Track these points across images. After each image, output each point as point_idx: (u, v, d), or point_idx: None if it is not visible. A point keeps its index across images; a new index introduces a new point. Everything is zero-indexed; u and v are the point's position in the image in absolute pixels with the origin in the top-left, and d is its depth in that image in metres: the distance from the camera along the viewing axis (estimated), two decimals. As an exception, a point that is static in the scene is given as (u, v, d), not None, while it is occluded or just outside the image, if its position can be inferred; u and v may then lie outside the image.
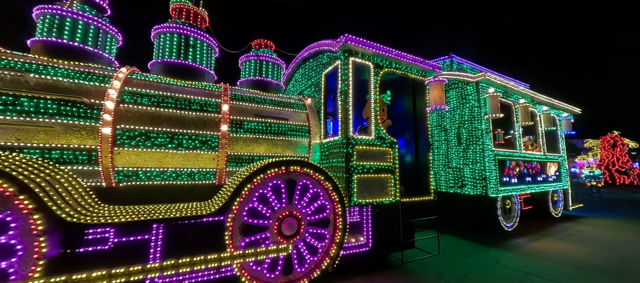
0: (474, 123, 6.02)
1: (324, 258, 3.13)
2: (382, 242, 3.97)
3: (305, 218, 3.08)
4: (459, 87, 6.40)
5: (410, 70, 4.25)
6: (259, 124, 3.72)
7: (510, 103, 6.70)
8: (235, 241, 2.69)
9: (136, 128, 3.01)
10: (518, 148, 6.61)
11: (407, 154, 4.83)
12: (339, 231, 3.25)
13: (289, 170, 2.99)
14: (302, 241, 3.05)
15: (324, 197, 3.23)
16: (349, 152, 3.47)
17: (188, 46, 3.88)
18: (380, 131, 3.79)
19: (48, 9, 3.25)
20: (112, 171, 2.98)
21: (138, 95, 3.12)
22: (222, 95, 3.62)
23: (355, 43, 3.58)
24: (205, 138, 3.35)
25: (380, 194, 3.67)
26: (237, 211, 2.70)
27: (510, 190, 6.11)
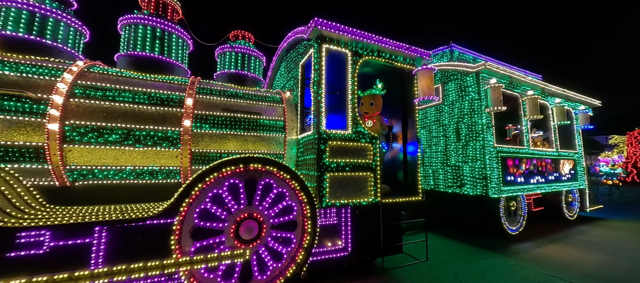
0: (474, 117, 5.53)
1: (290, 264, 2.84)
2: (364, 247, 3.64)
3: (267, 220, 2.81)
4: (459, 78, 5.92)
5: (396, 58, 3.87)
6: (227, 119, 3.47)
7: (516, 95, 6.13)
8: (184, 246, 2.45)
9: (87, 123, 2.82)
10: (526, 144, 6.04)
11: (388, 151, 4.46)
12: (308, 235, 2.95)
13: (248, 168, 2.72)
14: (264, 246, 2.77)
15: (290, 198, 2.93)
16: (321, 148, 3.16)
17: (155, 38, 3.68)
18: (359, 126, 3.45)
19: (2, 1, 3.12)
20: (63, 169, 2.81)
21: (91, 89, 2.94)
22: (188, 89, 3.40)
23: (328, 28, 3.25)
24: (166, 134, 3.14)
25: (358, 194, 3.33)
26: (186, 214, 2.46)
27: (515, 190, 5.58)
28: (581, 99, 7.66)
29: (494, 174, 5.27)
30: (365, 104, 4.10)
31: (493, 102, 5.30)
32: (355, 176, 3.34)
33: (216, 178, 2.58)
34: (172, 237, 2.38)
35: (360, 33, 3.43)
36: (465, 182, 5.64)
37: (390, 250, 3.96)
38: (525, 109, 6.09)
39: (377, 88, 4.15)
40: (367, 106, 4.11)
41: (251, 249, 2.69)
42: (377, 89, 4.15)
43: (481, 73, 5.50)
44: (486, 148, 5.30)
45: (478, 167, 5.39)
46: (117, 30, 3.76)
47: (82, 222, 2.21)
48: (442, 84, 6.33)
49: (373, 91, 4.13)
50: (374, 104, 4.16)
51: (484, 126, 5.37)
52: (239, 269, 2.62)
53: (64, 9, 3.50)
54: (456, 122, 5.92)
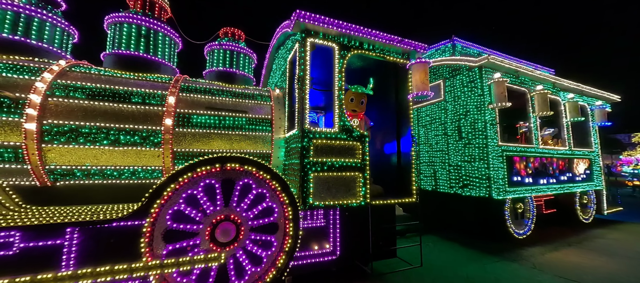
0: (477, 114, 5.24)
1: (270, 269, 2.70)
2: (354, 250, 3.47)
3: (246, 223, 2.68)
4: (461, 74, 5.63)
5: (388, 52, 3.67)
6: (211, 117, 3.38)
7: (524, 91, 5.78)
8: (156, 249, 2.36)
9: (65, 123, 2.79)
10: (534, 142, 5.68)
11: (387, 149, 4.25)
12: (289, 239, 2.81)
13: (224, 168, 2.60)
14: (242, 249, 2.65)
15: (271, 199, 2.80)
16: (305, 146, 3.01)
17: (140, 37, 3.63)
18: (347, 123, 3.27)
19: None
20: (42, 169, 2.79)
21: (71, 88, 2.90)
22: (170, 87, 3.33)
23: (312, 21, 3.10)
24: (147, 133, 3.07)
25: (346, 195, 3.16)
26: (158, 215, 2.37)
27: (522, 192, 5.24)
28: (597, 94, 7.17)
29: (498, 175, 4.96)
30: (355, 100, 3.91)
31: (497, 98, 5.00)
32: (342, 177, 3.17)
33: (190, 179, 2.48)
34: (141, 240, 2.29)
35: (347, 26, 3.26)
36: (467, 183, 5.35)
37: (383, 254, 3.77)
38: (534, 105, 5.72)
39: (369, 87, 3.96)
40: (357, 104, 3.92)
41: (227, 252, 2.57)
42: (369, 88, 3.96)
43: (484, 67, 5.20)
44: (489, 146, 5.00)
45: (481, 167, 5.09)
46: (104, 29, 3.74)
47: (47, 223, 2.16)
48: (444, 81, 6.05)
49: (366, 89, 3.95)
50: (364, 103, 3.98)
51: (487, 124, 5.07)
52: (215, 274, 2.51)
53: (51, 9, 3.50)
54: (458, 120, 5.63)
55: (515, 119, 6.61)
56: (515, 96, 5.80)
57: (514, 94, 5.76)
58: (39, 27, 3.30)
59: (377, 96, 4.30)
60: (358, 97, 3.93)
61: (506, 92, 4.95)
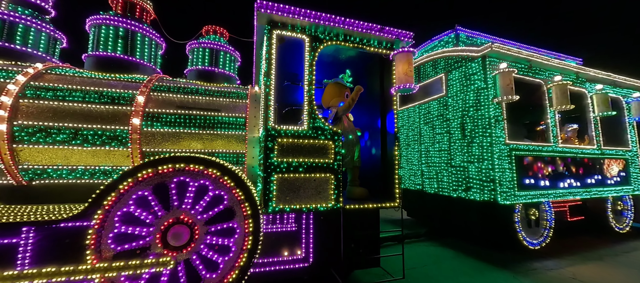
0: (480, 109, 4.72)
1: (227, 274, 2.54)
2: (329, 258, 3.21)
3: (201, 226, 2.55)
4: (463, 66, 5.13)
5: (367, 42, 3.37)
6: (181, 116, 3.30)
7: (539, 82, 5.14)
8: (104, 252, 2.29)
9: (35, 123, 2.85)
10: (552, 140, 5.02)
11: (373, 149, 3.93)
12: (248, 244, 2.63)
13: (175, 168, 2.49)
14: (196, 253, 2.52)
15: (229, 201, 2.64)
16: (269, 146, 2.82)
17: (118, 38, 3.67)
18: (318, 121, 3.04)
19: None
20: (15, 168, 2.86)
21: (43, 90, 2.96)
22: (142, 86, 3.30)
23: (277, 11, 2.90)
24: (114, 133, 3.06)
25: (316, 198, 2.93)
26: (106, 217, 2.30)
27: (536, 196, 4.64)
28: (634, 84, 6.23)
29: (505, 177, 4.42)
30: (340, 94, 3.64)
31: (503, 91, 4.46)
32: (311, 178, 2.94)
33: (142, 178, 2.39)
34: (87, 241, 2.23)
35: (318, 15, 3.03)
36: (471, 185, 4.85)
37: (365, 263, 3.47)
38: (552, 99, 5.07)
39: (346, 77, 3.69)
40: (342, 97, 3.65)
41: (179, 256, 2.45)
42: (346, 78, 3.69)
43: (488, 57, 4.68)
44: (494, 145, 4.47)
45: (485, 168, 4.58)
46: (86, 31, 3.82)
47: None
48: (446, 74, 5.56)
49: (344, 79, 3.68)
50: (348, 96, 3.71)
51: (491, 120, 4.55)
52: (167, 279, 2.40)
53: (38, 16, 3.64)
54: (461, 116, 5.14)
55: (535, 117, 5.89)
56: (528, 88, 5.18)
57: (527, 87, 5.16)
58: (23, 32, 3.43)
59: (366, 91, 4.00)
60: (341, 90, 3.66)
61: (513, 83, 4.41)
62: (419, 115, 6.29)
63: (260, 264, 2.97)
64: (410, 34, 3.37)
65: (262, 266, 2.98)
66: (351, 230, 3.28)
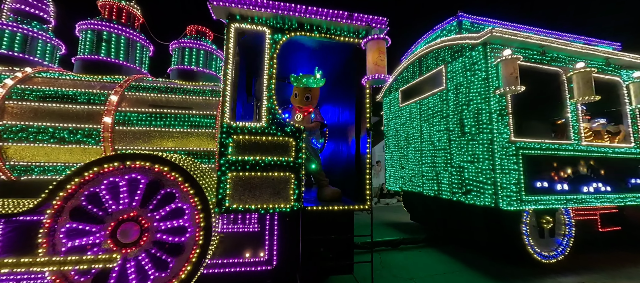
0: (480, 103, 4.22)
1: (180, 270, 2.49)
2: (295, 262, 3.03)
3: (150, 224, 2.53)
4: (463, 56, 4.63)
5: (336, 31, 3.15)
6: (152, 115, 3.36)
7: (557, 71, 4.47)
8: (58, 245, 2.36)
9: (17, 123, 3.06)
10: (573, 137, 4.33)
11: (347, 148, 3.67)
12: (197, 247, 2.55)
13: (124, 165, 2.49)
14: (145, 252, 2.50)
15: (181, 199, 2.60)
16: (224, 143, 2.73)
17: (101, 41, 3.85)
18: (278, 116, 2.88)
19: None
20: (3, 165, 3.10)
21: (27, 92, 3.18)
22: (117, 86, 3.41)
23: (235, 4, 2.81)
24: (89, 131, 3.19)
25: (274, 198, 2.78)
26: (57, 211, 2.37)
27: (551, 202, 4.01)
28: (686, 69, 5.18)
29: (509, 179, 3.88)
30: (299, 96, 3.46)
31: (505, 81, 3.93)
32: (269, 177, 2.79)
33: (92, 175, 2.43)
34: (39, 234, 2.30)
35: (279, 5, 2.88)
36: (471, 188, 4.35)
37: (337, 270, 3.23)
38: (573, 89, 4.37)
39: (315, 80, 3.48)
40: (301, 99, 3.46)
41: (128, 254, 2.44)
42: (315, 80, 3.47)
43: (490, 44, 4.16)
44: (496, 143, 3.96)
45: (485, 169, 4.07)
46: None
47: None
48: (445, 66, 5.08)
49: (310, 83, 3.46)
50: (310, 99, 3.50)
51: (492, 114, 4.03)
52: (116, 275, 2.40)
53: (37, 25, 3.95)
54: (460, 111, 4.64)
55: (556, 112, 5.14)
56: (542, 79, 4.54)
57: (542, 77, 4.52)
58: (22, 41, 3.74)
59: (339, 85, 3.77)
60: (302, 92, 3.47)
61: (518, 72, 3.86)
62: (419, 111, 5.83)
63: (220, 265, 2.89)
64: (383, 20, 3.08)
65: (222, 266, 2.90)
66: (322, 233, 3.08)
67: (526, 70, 4.20)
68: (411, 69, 6.28)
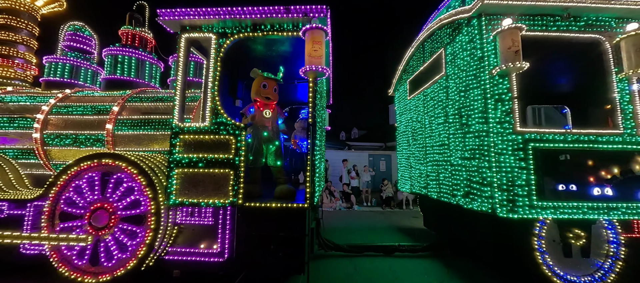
0: (476, 87, 3.51)
1: (132, 258, 2.89)
2: (251, 256, 3.12)
3: (116, 212, 2.99)
4: (462, 33, 3.93)
5: (279, 27, 3.12)
6: (142, 121, 3.95)
7: (595, 38, 3.38)
8: (52, 225, 3.02)
9: (54, 132, 4.03)
10: (624, 125, 3.20)
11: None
12: (150, 232, 2.89)
13: (101, 163, 3.02)
14: (112, 235, 2.97)
15: (138, 192, 2.99)
16: (172, 142, 3.03)
17: (117, 63, 4.74)
18: (220, 116, 3.03)
19: (53, 59, 4.98)
20: (48, 163, 4.13)
21: (62, 108, 4.16)
22: (119, 99, 4.14)
23: (185, 16, 3.09)
24: (97, 136, 3.97)
25: (214, 193, 2.94)
26: (54, 199, 3.03)
27: (580, 210, 3.04)
28: None
29: (511, 179, 3.12)
30: (269, 87, 3.48)
31: (503, 58, 3.18)
32: (211, 174, 2.96)
33: (76, 171, 3.04)
34: (43, 217, 3.00)
35: (220, 10, 3.04)
36: (469, 190, 3.64)
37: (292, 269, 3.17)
38: (623, 60, 3.23)
39: (278, 75, 3.49)
40: (271, 91, 3.49)
41: (100, 236, 2.95)
42: (278, 76, 3.49)
43: (486, 14, 3.42)
44: (492, 135, 3.22)
45: (481, 166, 3.36)
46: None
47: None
48: (444, 48, 4.39)
49: (280, 76, 3.50)
50: (277, 91, 3.50)
51: (489, 100, 3.30)
52: (90, 252, 2.94)
53: (81, 56, 5.12)
54: (458, 99, 3.94)
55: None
56: (575, 49, 3.49)
57: (574, 47, 3.48)
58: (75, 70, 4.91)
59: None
60: (271, 84, 3.50)
61: (519, 45, 3.07)
62: (424, 103, 5.17)
63: (178, 253, 3.18)
64: (321, 8, 2.90)
65: (182, 254, 3.19)
66: (273, 230, 3.09)
67: (546, 41, 3.33)
68: (417, 57, 5.63)
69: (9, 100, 4.28)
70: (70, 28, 5.13)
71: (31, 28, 5.42)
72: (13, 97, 4.32)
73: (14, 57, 5.11)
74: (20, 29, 5.27)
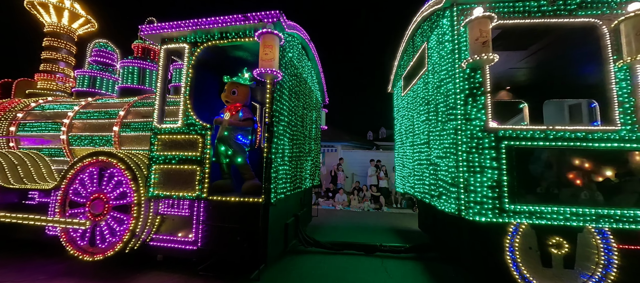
0: (448, 82, 3.33)
1: (119, 241, 3.35)
2: (220, 246, 3.40)
3: (109, 201, 3.49)
4: (439, 26, 3.74)
5: (243, 34, 3.33)
6: (140, 123, 4.49)
7: (590, 23, 2.98)
8: (63, 211, 3.64)
9: (76, 133, 4.78)
10: (621, 120, 2.78)
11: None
12: (133, 220, 3.33)
13: (98, 159, 3.55)
14: (105, 222, 3.47)
15: (126, 185, 3.45)
16: (152, 141, 3.43)
17: (128, 73, 5.42)
18: (190, 117, 3.35)
19: (82, 72, 5.88)
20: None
21: (83, 114, 4.91)
22: (126, 104, 4.76)
23: (164, 30, 3.47)
24: (107, 138, 4.61)
25: (184, 188, 3.28)
26: (65, 190, 3.64)
27: (562, 216, 2.73)
28: None
29: (480, 180, 2.91)
30: (226, 91, 3.74)
31: (472, 49, 2.97)
32: (182, 170, 3.29)
33: (81, 167, 3.61)
34: (56, 204, 3.63)
35: (190, 22, 3.36)
36: (442, 190, 3.46)
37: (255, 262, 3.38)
38: (622, 45, 2.81)
39: (242, 77, 3.70)
40: (228, 94, 3.72)
41: (97, 221, 3.47)
42: (242, 78, 3.70)
43: (457, 3, 3.22)
44: (460, 132, 3.04)
45: (450, 166, 3.19)
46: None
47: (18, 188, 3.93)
48: (426, 43, 4.19)
49: (238, 79, 3.72)
50: (237, 94, 3.71)
51: (458, 95, 3.11)
52: (89, 235, 3.49)
53: (104, 69, 5.96)
54: (436, 95, 3.75)
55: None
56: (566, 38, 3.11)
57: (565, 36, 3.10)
58: (94, 81, 5.74)
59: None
60: (229, 87, 3.74)
61: (489, 36, 2.86)
62: (413, 100, 4.98)
63: (161, 240, 3.59)
64: (275, 14, 3.04)
65: (162, 242, 3.59)
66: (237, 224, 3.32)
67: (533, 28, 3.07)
68: (408, 51, 5.43)
69: (47, 108, 5.19)
70: (96, 45, 6.01)
71: (69, 47, 6.46)
72: (50, 106, 5.23)
73: (55, 72, 6.15)
74: (61, 49, 6.32)
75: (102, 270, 3.45)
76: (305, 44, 4.66)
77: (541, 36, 3.66)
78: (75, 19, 6.50)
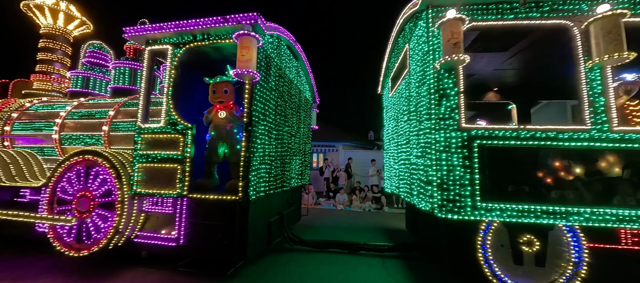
0: (424, 83, 3.39)
1: (103, 238, 3.45)
2: (201, 243, 3.48)
3: (95, 199, 3.59)
4: (418, 27, 3.80)
5: (224, 35, 3.41)
6: (128, 123, 4.59)
7: (562, 24, 3.02)
8: (51, 208, 3.74)
9: (67, 133, 4.90)
10: (591, 120, 2.82)
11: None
12: (117, 217, 3.42)
13: (85, 158, 3.65)
14: (91, 219, 3.57)
15: (110, 183, 3.55)
16: (136, 140, 3.52)
17: (120, 74, 5.53)
18: (172, 117, 3.44)
19: (75, 73, 6.01)
20: (65, 159, 5.03)
21: (75, 113, 5.03)
22: (116, 105, 4.87)
23: (149, 32, 3.57)
24: (97, 137, 4.72)
25: (165, 186, 3.36)
26: (52, 187, 3.75)
27: (532, 213, 2.77)
28: None
29: (455, 179, 2.97)
30: (217, 92, 3.81)
31: (446, 50, 3.02)
32: (164, 168, 3.38)
33: (68, 165, 3.71)
34: (44, 201, 3.74)
35: (173, 24, 3.45)
36: (420, 189, 3.52)
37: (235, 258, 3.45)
38: (592, 45, 2.85)
39: (228, 75, 3.78)
40: (221, 93, 3.80)
41: (83, 218, 3.57)
42: (229, 76, 3.78)
43: (432, 5, 3.28)
44: (435, 132, 3.09)
45: (425, 164, 3.24)
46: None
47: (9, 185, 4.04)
48: (408, 44, 4.25)
49: (229, 78, 3.80)
50: (229, 92, 3.80)
51: (433, 95, 3.17)
52: (75, 231, 3.58)
53: (97, 70, 6.08)
54: (415, 96, 3.81)
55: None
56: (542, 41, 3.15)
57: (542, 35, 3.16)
58: (87, 82, 5.87)
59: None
60: (220, 87, 3.82)
61: (460, 38, 2.91)
62: (398, 101, 5.04)
63: (145, 237, 3.67)
64: (253, 16, 3.12)
65: (147, 238, 3.67)
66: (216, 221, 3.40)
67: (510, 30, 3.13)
68: (395, 53, 5.48)
69: (41, 108, 5.32)
70: (90, 46, 6.14)
71: (65, 48, 6.60)
72: (44, 106, 5.35)
73: (51, 73, 6.29)
74: (56, 50, 6.46)
75: (89, 266, 3.54)
76: (290, 45, 4.74)
77: (520, 37, 3.70)
78: (71, 20, 6.64)
